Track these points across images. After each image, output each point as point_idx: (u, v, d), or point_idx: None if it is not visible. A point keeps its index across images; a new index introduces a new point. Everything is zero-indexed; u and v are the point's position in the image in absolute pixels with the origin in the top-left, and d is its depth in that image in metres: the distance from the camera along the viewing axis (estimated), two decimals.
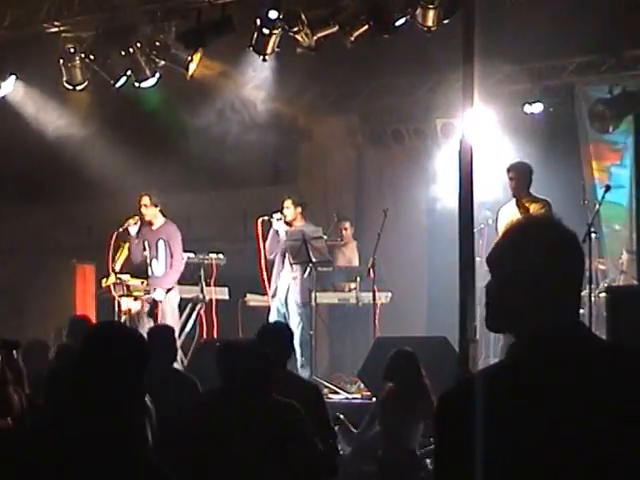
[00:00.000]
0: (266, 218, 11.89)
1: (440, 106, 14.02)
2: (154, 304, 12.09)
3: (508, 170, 10.73)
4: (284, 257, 11.94)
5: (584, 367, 2.50)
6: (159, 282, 12.07)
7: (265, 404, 5.60)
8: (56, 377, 5.52)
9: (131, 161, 13.37)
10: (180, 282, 12.39)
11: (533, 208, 10.40)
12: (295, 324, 11.75)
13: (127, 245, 12.33)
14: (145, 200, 12.24)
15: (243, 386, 5.60)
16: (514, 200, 10.69)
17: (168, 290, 12.07)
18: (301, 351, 11.61)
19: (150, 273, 12.08)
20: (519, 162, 10.96)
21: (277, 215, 11.92)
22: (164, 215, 12.37)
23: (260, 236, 11.87)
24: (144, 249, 12.07)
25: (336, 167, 15.13)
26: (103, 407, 3.57)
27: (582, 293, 2.77)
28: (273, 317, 11.90)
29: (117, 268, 12.36)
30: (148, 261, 12.06)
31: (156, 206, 12.29)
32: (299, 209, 12.01)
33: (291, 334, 7.17)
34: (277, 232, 11.92)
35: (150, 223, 12.30)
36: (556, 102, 13.22)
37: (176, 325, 12.09)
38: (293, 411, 5.66)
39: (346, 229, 13.76)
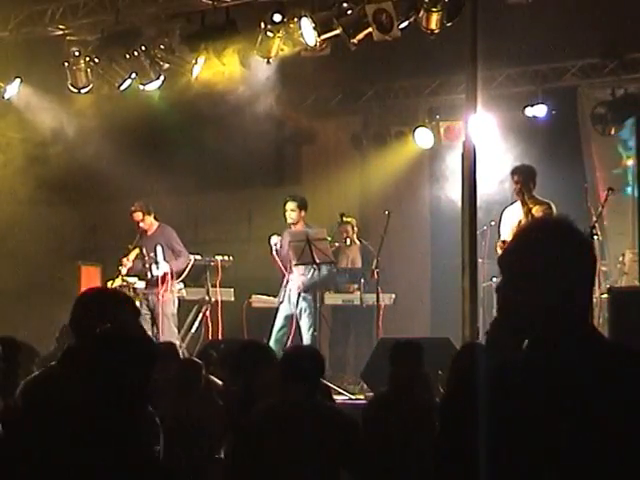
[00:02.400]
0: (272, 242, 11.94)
1: (443, 108, 14.06)
2: (154, 309, 12.13)
3: (512, 173, 10.81)
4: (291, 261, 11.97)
5: (588, 367, 2.53)
6: (173, 266, 12.13)
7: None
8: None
9: (136, 163, 13.39)
10: (186, 284, 12.44)
11: (536, 210, 10.46)
12: (307, 327, 11.76)
13: (135, 251, 12.36)
14: (138, 215, 12.26)
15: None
16: (517, 202, 10.76)
17: (166, 278, 12.05)
18: None
19: (150, 276, 12.10)
20: (523, 165, 11.03)
21: (274, 239, 11.94)
22: (156, 219, 12.42)
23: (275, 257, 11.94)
24: (144, 257, 12.12)
25: (340, 169, 15.16)
26: (108, 407, 3.61)
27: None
28: (280, 321, 11.89)
29: (124, 271, 12.41)
30: (147, 266, 12.09)
31: (149, 214, 12.32)
32: (303, 212, 12.01)
33: None
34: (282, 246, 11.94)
35: (145, 230, 12.35)
36: (558, 104, 13.24)
37: (175, 329, 12.16)
38: None
39: (351, 230, 13.78)
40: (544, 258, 2.60)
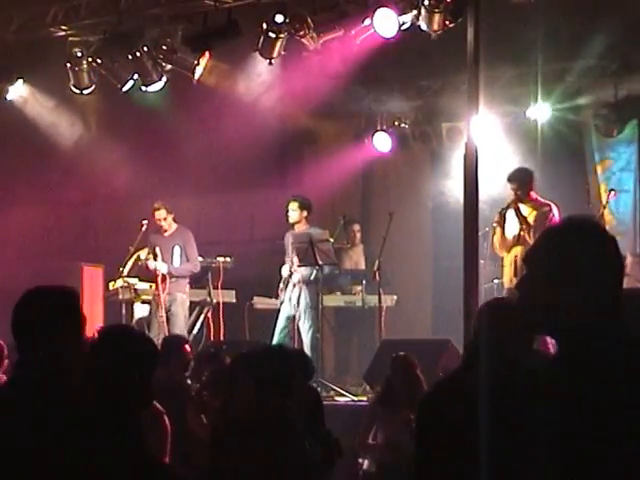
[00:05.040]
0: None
1: (445, 110, 14.06)
2: (169, 309, 12.15)
3: (509, 180, 10.80)
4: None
5: (622, 365, 2.53)
6: (173, 270, 12.16)
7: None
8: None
9: (138, 164, 13.41)
10: (189, 285, 12.46)
11: (533, 218, 10.47)
12: (306, 328, 11.76)
13: (139, 254, 12.38)
14: (162, 214, 12.30)
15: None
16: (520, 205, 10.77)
17: (165, 279, 12.07)
18: (313, 355, 11.64)
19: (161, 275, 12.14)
20: (517, 170, 11.00)
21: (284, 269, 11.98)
22: (175, 220, 12.45)
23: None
24: (154, 258, 12.15)
25: (342, 170, 15.16)
26: (110, 407, 3.61)
27: None
28: (281, 322, 11.89)
29: (126, 272, 12.42)
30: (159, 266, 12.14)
31: (171, 213, 12.38)
32: (305, 212, 12.02)
33: None
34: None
35: (162, 229, 12.36)
36: (560, 106, 13.23)
37: (185, 328, 12.18)
38: None
39: (357, 232, 13.84)
40: (569, 257, 2.60)
